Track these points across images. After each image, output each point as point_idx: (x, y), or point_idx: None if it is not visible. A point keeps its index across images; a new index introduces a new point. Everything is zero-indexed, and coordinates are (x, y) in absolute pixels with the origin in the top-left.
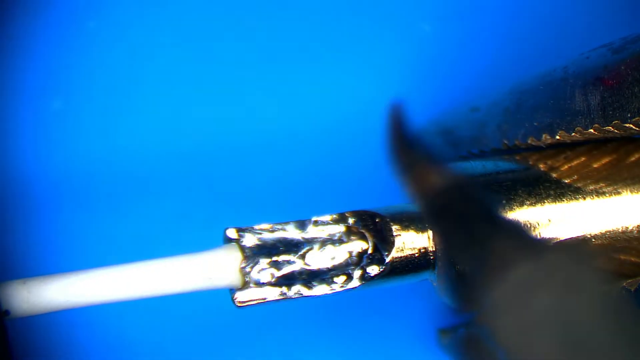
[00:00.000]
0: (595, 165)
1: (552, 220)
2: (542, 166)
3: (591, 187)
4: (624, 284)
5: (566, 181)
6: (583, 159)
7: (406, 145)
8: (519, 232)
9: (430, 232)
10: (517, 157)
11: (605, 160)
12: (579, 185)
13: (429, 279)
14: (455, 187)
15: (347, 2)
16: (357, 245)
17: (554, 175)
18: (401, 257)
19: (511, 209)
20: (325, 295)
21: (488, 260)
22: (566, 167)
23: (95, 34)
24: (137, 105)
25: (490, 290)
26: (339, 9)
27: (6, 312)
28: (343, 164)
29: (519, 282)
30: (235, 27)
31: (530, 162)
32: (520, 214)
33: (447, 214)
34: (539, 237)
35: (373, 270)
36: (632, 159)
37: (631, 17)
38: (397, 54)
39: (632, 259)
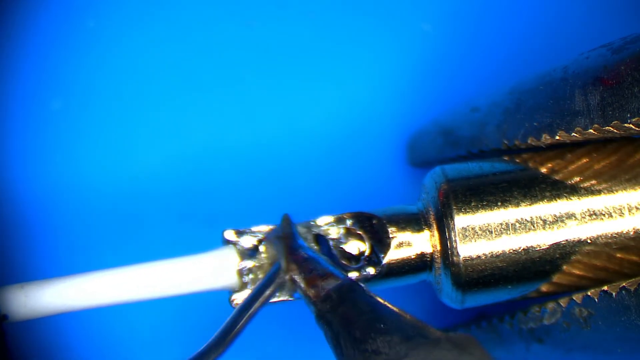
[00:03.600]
0: (596, 167)
1: (547, 221)
2: (543, 169)
3: (591, 188)
4: (624, 284)
5: (567, 183)
6: (584, 160)
7: (294, 255)
8: (406, 329)
9: (427, 234)
10: (517, 160)
11: (606, 161)
12: (579, 186)
13: (426, 280)
14: (340, 292)
15: (347, 3)
16: (355, 247)
17: (555, 177)
18: (397, 258)
19: (506, 210)
20: None
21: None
22: (567, 169)
23: (94, 34)
24: (137, 106)
25: None
26: (339, 10)
27: (4, 317)
28: (342, 165)
29: None
30: (235, 26)
31: (530, 165)
32: (515, 215)
33: (333, 318)
34: (426, 331)
35: (370, 271)
36: (632, 160)
37: (631, 17)
38: (397, 54)
39: (633, 257)
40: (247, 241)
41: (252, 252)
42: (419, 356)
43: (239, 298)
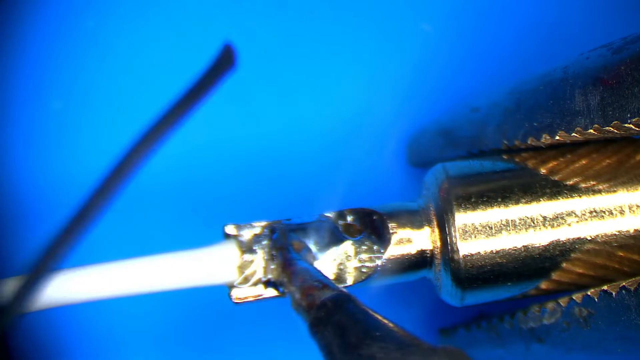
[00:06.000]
0: (596, 168)
1: (547, 218)
2: (543, 169)
3: (591, 188)
4: (624, 283)
5: (567, 183)
6: (584, 162)
7: (290, 265)
8: (401, 338)
9: (427, 230)
10: (517, 159)
11: (606, 163)
12: (579, 186)
13: (426, 277)
14: (336, 301)
15: (347, 3)
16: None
17: (555, 178)
18: (397, 254)
19: (506, 206)
20: None
21: None
22: (567, 169)
23: (94, 33)
24: (137, 105)
25: None
26: (339, 10)
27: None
28: (342, 164)
29: None
30: (235, 26)
31: (530, 165)
32: (515, 211)
33: (327, 326)
34: (420, 341)
35: (370, 267)
36: (633, 161)
37: (631, 17)
38: (397, 54)
39: (633, 256)
40: (248, 236)
41: (252, 247)
42: None
43: (239, 293)
